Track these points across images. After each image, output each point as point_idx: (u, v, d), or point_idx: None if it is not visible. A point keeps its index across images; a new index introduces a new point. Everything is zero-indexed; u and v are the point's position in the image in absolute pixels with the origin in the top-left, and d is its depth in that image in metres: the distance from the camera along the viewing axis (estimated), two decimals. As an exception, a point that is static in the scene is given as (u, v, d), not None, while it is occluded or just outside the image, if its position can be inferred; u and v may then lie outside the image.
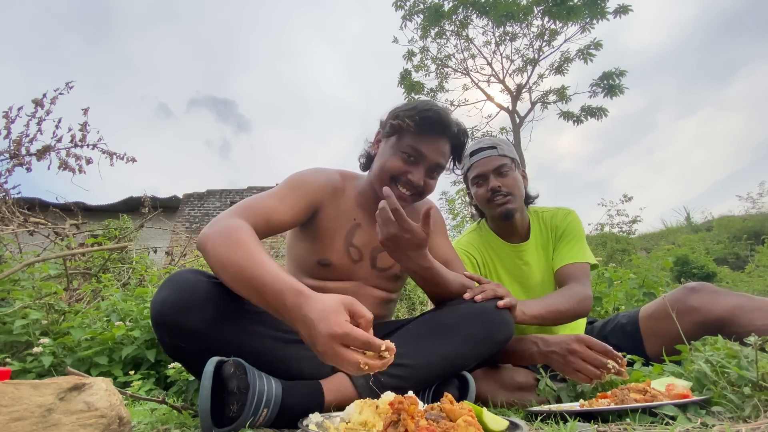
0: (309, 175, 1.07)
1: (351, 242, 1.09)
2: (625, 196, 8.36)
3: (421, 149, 1.03)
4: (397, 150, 1.05)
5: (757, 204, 10.41)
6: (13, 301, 1.59)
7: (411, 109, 1.04)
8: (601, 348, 0.93)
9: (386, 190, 0.88)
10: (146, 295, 1.89)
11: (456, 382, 0.91)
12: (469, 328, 0.91)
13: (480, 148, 1.35)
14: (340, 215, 1.09)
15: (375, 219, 0.99)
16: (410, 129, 1.03)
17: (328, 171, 1.13)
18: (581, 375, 0.92)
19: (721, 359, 0.77)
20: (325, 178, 1.09)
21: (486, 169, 1.33)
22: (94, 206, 8.97)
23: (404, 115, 1.03)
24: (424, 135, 1.04)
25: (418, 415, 0.53)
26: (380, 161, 1.08)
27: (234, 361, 0.73)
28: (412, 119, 1.02)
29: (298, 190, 1.01)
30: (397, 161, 1.04)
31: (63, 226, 2.98)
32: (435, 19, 9.01)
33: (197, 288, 0.77)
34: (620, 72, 8.26)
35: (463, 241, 1.43)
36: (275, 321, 0.85)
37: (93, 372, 1.42)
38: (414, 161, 1.05)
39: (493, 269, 1.39)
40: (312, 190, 1.04)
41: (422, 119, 1.02)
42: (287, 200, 0.98)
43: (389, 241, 0.88)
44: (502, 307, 0.95)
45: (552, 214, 1.41)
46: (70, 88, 2.93)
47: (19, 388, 0.47)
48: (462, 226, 7.47)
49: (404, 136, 1.04)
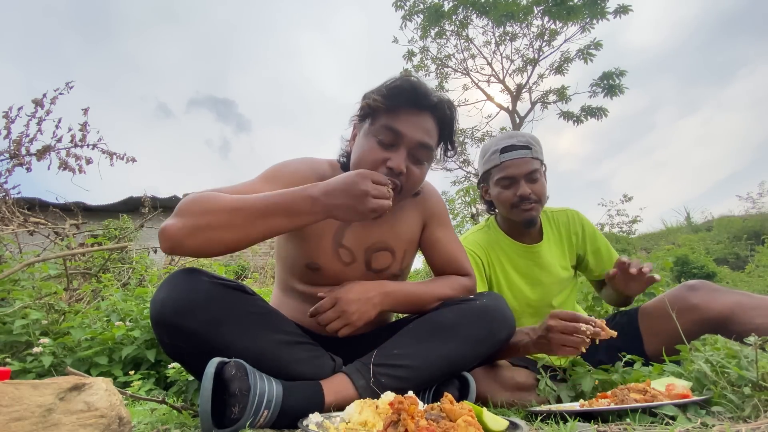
0: (291, 164, 0.97)
1: (340, 243, 0.99)
2: (625, 196, 8.36)
3: (396, 127, 0.89)
4: (371, 135, 0.91)
5: (757, 204, 10.41)
6: (13, 301, 1.59)
7: (380, 86, 0.92)
8: (570, 316, 0.93)
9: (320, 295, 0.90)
10: (146, 295, 1.89)
11: (456, 382, 0.90)
12: (470, 328, 0.89)
13: (513, 146, 1.25)
14: None
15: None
16: (381, 106, 0.89)
17: (315, 161, 1.02)
18: (568, 348, 0.92)
19: (721, 359, 0.77)
20: (309, 168, 0.97)
21: (518, 172, 1.24)
22: (94, 206, 8.95)
23: (374, 93, 0.91)
24: (398, 111, 0.89)
25: (418, 415, 0.53)
26: (355, 154, 0.94)
27: (235, 363, 0.73)
28: (379, 93, 0.90)
29: (275, 180, 0.91)
30: (374, 150, 0.90)
31: (63, 226, 2.98)
32: (435, 19, 9.00)
33: (197, 288, 0.76)
34: (620, 72, 8.25)
35: (469, 240, 1.40)
36: (276, 322, 0.85)
37: (93, 372, 1.42)
38: (391, 144, 0.90)
39: (501, 269, 1.36)
40: (291, 180, 0.91)
41: (391, 91, 0.89)
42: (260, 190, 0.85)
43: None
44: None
45: (565, 217, 1.40)
46: (70, 88, 2.93)
47: (19, 388, 0.47)
48: (462, 226, 7.47)
49: (377, 117, 0.91)
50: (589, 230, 1.39)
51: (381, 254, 1.03)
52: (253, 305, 0.82)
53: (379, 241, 1.02)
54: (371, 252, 1.02)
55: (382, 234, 1.02)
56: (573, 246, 1.39)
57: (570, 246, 1.39)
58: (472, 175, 10.12)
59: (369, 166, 0.89)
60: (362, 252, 1.01)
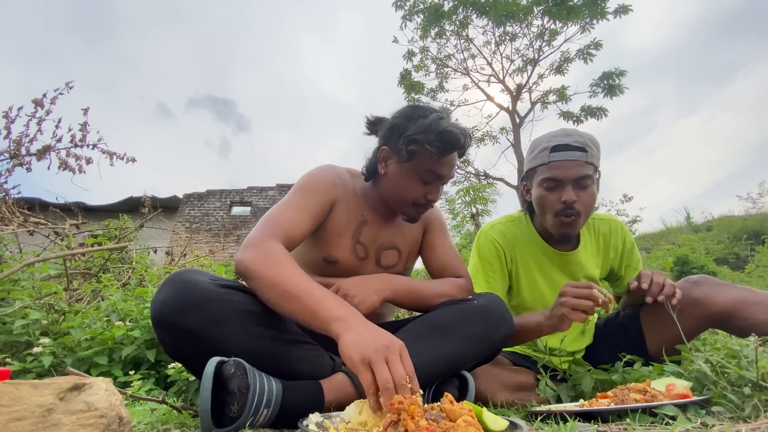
0: (320, 175, 1.08)
1: (358, 239, 1.10)
2: (625, 196, 8.37)
3: (440, 172, 1.03)
4: (416, 175, 1.03)
5: (757, 204, 10.41)
6: (13, 301, 1.59)
7: (426, 131, 0.99)
8: (584, 284, 0.97)
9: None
10: (146, 295, 1.89)
11: (456, 382, 0.91)
12: (469, 327, 0.91)
13: (567, 145, 1.12)
14: (350, 212, 1.10)
15: (381, 217, 1.12)
16: (432, 155, 1.00)
17: (337, 168, 1.14)
18: (578, 313, 0.95)
19: (721, 359, 0.77)
20: (335, 176, 1.10)
21: (567, 175, 1.11)
22: (94, 206, 8.98)
23: (423, 140, 0.99)
24: (443, 156, 1.01)
25: (418, 415, 0.53)
26: (399, 188, 1.05)
27: (234, 362, 0.73)
28: (432, 145, 0.99)
29: (314, 195, 1.03)
30: (418, 188, 1.04)
31: (63, 226, 2.98)
32: (435, 19, 9.01)
33: (198, 288, 0.76)
34: (620, 72, 8.26)
35: (495, 230, 1.30)
36: (276, 321, 0.85)
37: (93, 372, 1.42)
38: (433, 182, 1.05)
39: (524, 267, 1.27)
40: (325, 190, 1.05)
41: (444, 143, 0.99)
42: (306, 208, 0.99)
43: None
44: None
45: (607, 227, 1.31)
46: (70, 88, 2.93)
47: (19, 388, 0.47)
48: (462, 226, 7.48)
49: (422, 160, 1.01)
50: (629, 246, 1.31)
51: (389, 252, 1.14)
52: (253, 304, 0.82)
53: (389, 241, 1.14)
54: (382, 249, 1.13)
55: (392, 235, 1.15)
56: (609, 259, 1.31)
57: (606, 258, 1.31)
58: (471, 175, 10.12)
59: (412, 199, 1.05)
60: (374, 249, 1.12)
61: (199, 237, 10.08)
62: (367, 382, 0.63)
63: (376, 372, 0.63)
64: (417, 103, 1.09)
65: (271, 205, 10.59)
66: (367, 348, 0.66)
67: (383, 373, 0.63)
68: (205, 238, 10.09)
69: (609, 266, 1.33)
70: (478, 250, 1.31)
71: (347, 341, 0.68)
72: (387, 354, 0.65)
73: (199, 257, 4.12)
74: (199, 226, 10.38)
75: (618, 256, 1.31)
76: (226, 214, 10.60)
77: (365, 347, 0.66)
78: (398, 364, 0.65)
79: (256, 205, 10.70)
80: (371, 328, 0.71)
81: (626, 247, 1.32)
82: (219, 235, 10.21)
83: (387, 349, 0.66)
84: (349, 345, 0.67)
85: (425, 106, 1.06)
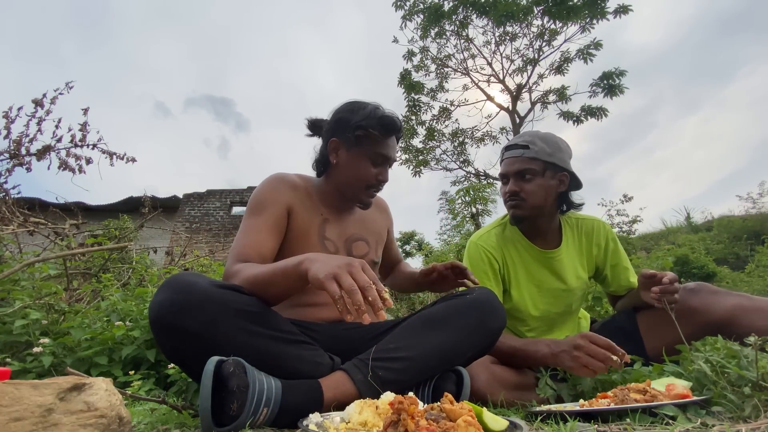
0: (265, 189, 1.11)
1: (324, 236, 1.14)
2: (625, 196, 8.34)
3: (386, 153, 1.13)
4: (366, 158, 1.12)
5: (757, 204, 10.38)
6: (13, 301, 1.59)
7: (368, 117, 1.10)
8: (604, 343, 0.94)
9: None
10: (146, 295, 1.89)
11: (453, 377, 0.93)
12: (462, 318, 0.92)
13: (514, 145, 1.30)
14: (309, 212, 1.13)
15: (340, 213, 1.19)
16: (377, 138, 1.10)
17: (285, 175, 1.17)
18: (587, 369, 0.94)
19: (721, 359, 0.77)
20: (282, 184, 1.13)
21: (508, 170, 1.29)
22: (94, 206, 8.97)
23: (367, 125, 1.09)
24: (385, 139, 1.12)
25: (418, 415, 0.53)
26: (352, 172, 1.13)
27: (234, 360, 0.73)
28: (376, 128, 1.10)
29: (264, 210, 1.07)
30: (369, 170, 1.12)
31: (63, 226, 2.98)
32: (435, 19, 9.00)
33: (195, 290, 0.77)
34: (620, 72, 8.25)
35: (483, 239, 1.36)
36: (273, 321, 0.85)
37: (93, 372, 1.42)
38: (381, 163, 1.14)
39: (513, 269, 1.33)
40: (274, 200, 1.09)
41: (384, 126, 1.10)
42: (262, 227, 1.04)
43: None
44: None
45: (590, 226, 1.36)
46: (70, 88, 2.93)
47: (19, 388, 0.47)
48: (462, 227, 7.48)
49: (368, 143, 1.11)
50: (612, 244, 1.35)
51: (359, 243, 1.20)
52: (250, 305, 0.83)
53: (356, 233, 1.20)
54: (351, 242, 1.18)
55: (357, 227, 1.22)
56: (593, 257, 1.36)
57: (590, 256, 1.36)
58: (472, 175, 10.12)
59: (366, 181, 1.13)
60: (343, 242, 1.17)
61: (199, 237, 10.08)
62: (333, 291, 0.69)
63: (341, 281, 0.69)
64: (352, 100, 1.19)
65: (271, 205, 10.55)
66: (331, 265, 0.73)
67: (347, 280, 0.69)
68: (205, 238, 10.09)
69: (594, 264, 1.37)
70: (470, 262, 1.34)
71: (314, 267, 0.75)
72: (349, 268, 0.72)
73: (199, 257, 4.12)
74: (199, 226, 10.38)
75: (601, 253, 1.35)
76: (226, 214, 10.60)
77: (329, 265, 0.73)
78: (361, 274, 0.71)
79: (256, 205, 10.68)
80: (334, 256, 0.78)
81: (609, 246, 1.35)
82: (219, 235, 10.21)
83: (349, 265, 0.72)
84: (315, 269, 0.74)
85: (361, 100, 1.17)
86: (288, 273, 0.81)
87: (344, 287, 0.69)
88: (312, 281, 0.74)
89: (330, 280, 0.70)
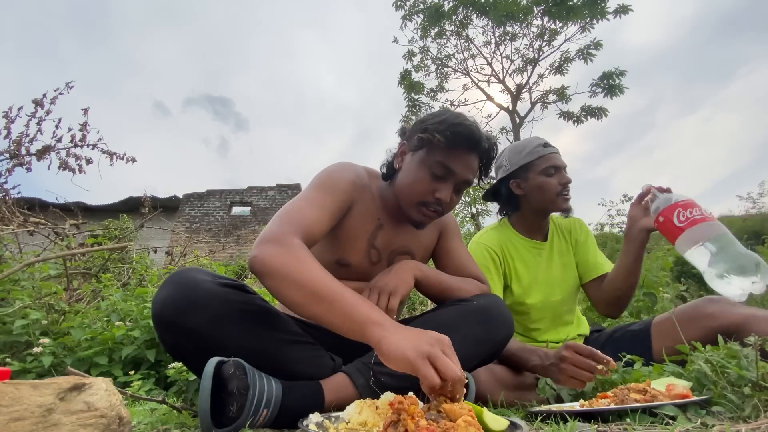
0: (341, 174, 1.03)
1: (373, 244, 1.07)
2: (625, 196, 8.35)
3: (451, 166, 0.98)
4: (426, 167, 0.99)
5: (757, 204, 10.40)
6: (13, 301, 1.59)
7: (440, 123, 0.97)
8: (588, 352, 0.95)
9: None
10: (146, 295, 1.89)
11: None
12: (469, 328, 0.90)
13: (549, 143, 1.41)
14: (366, 215, 1.06)
15: (397, 221, 1.10)
16: (440, 144, 0.96)
17: (355, 167, 1.10)
18: (575, 381, 0.95)
19: (721, 359, 0.77)
20: (355, 175, 1.05)
21: (561, 163, 1.38)
22: (94, 206, 8.98)
23: (433, 129, 0.97)
24: (454, 150, 0.97)
25: (418, 415, 0.53)
26: (407, 179, 1.02)
27: (234, 362, 0.73)
28: (442, 134, 0.96)
29: (334, 194, 0.98)
30: (425, 181, 0.99)
31: (63, 226, 2.98)
32: (435, 19, 9.00)
33: (199, 287, 0.76)
34: (620, 72, 8.26)
35: (484, 238, 1.45)
36: (276, 321, 0.85)
37: (93, 372, 1.42)
38: (442, 178, 0.99)
39: (513, 265, 1.41)
40: (345, 190, 1.00)
41: (453, 134, 0.96)
42: (326, 206, 0.94)
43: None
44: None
45: (569, 223, 1.51)
46: (70, 88, 2.93)
47: (19, 388, 0.47)
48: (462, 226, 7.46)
49: (433, 151, 0.98)
50: (590, 239, 1.49)
51: (402, 257, 1.11)
52: (254, 304, 0.82)
53: (403, 246, 1.12)
54: (395, 254, 1.11)
55: (406, 240, 1.12)
56: (578, 249, 1.48)
57: (576, 250, 1.48)
58: (472, 175, 10.10)
59: (419, 194, 1.00)
60: (387, 253, 1.10)
61: (199, 237, 10.08)
62: (431, 377, 0.58)
63: (440, 365, 0.59)
64: (450, 109, 1.10)
65: (271, 205, 10.59)
66: (422, 344, 0.62)
67: (448, 365, 0.59)
68: (205, 238, 10.09)
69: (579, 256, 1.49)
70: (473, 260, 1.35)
71: (394, 342, 0.63)
72: (443, 347, 0.62)
73: (199, 257, 4.12)
74: (199, 226, 10.38)
75: (579, 247, 1.49)
76: (226, 214, 10.61)
77: (419, 343, 0.62)
78: (455, 357, 0.62)
79: (256, 205, 10.71)
80: (410, 328, 0.67)
81: (587, 240, 1.49)
82: (219, 235, 10.21)
83: (441, 343, 0.63)
84: (399, 344, 0.63)
85: (457, 112, 1.04)
86: (348, 317, 0.70)
87: (446, 373, 0.58)
88: (393, 358, 0.62)
89: (424, 361, 0.60)
